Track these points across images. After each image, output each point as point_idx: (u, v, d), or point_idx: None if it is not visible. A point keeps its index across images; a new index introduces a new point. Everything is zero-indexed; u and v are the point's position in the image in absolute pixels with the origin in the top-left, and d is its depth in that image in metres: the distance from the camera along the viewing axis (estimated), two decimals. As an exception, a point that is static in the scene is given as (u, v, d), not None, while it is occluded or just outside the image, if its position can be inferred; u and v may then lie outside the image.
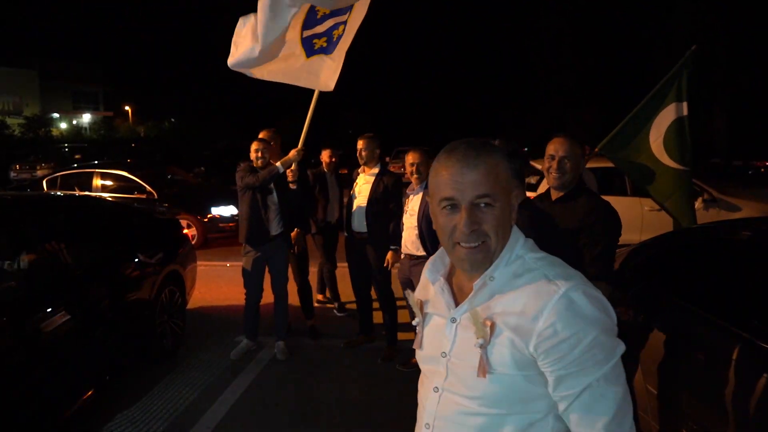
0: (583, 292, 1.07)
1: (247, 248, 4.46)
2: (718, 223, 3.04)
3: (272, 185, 4.37)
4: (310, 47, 3.90)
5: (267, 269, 4.55)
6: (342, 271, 5.14)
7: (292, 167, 4.41)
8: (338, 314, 5.48)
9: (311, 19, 3.80)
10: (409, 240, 3.97)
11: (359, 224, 4.37)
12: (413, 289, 1.38)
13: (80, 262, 3.45)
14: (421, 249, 3.90)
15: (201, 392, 3.88)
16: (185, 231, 7.05)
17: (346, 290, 5.23)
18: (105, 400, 3.66)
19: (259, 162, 4.34)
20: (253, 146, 4.37)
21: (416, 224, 3.89)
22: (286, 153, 4.45)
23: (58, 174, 9.52)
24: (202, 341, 4.82)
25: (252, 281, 4.48)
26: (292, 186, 4.59)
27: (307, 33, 3.85)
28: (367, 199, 4.33)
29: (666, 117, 4.09)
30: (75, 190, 8.85)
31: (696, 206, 7.18)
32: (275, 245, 4.46)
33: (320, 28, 3.87)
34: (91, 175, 9.24)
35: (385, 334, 4.54)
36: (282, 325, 4.56)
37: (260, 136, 4.72)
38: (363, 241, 4.39)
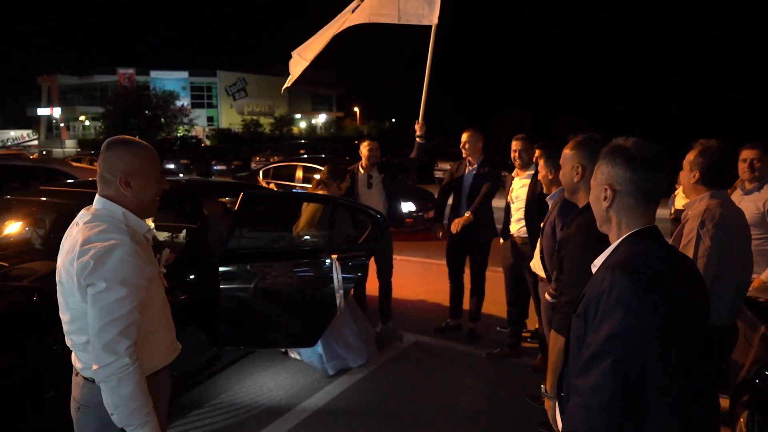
0: None
1: None
2: None
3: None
4: None
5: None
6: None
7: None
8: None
9: None
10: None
11: (519, 229, 4.15)
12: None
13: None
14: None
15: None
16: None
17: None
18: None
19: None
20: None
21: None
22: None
23: (270, 166, 11.03)
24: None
25: None
26: None
27: None
28: (524, 204, 4.07)
29: None
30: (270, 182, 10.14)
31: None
32: None
33: None
34: (294, 168, 10.45)
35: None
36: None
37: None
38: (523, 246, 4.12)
